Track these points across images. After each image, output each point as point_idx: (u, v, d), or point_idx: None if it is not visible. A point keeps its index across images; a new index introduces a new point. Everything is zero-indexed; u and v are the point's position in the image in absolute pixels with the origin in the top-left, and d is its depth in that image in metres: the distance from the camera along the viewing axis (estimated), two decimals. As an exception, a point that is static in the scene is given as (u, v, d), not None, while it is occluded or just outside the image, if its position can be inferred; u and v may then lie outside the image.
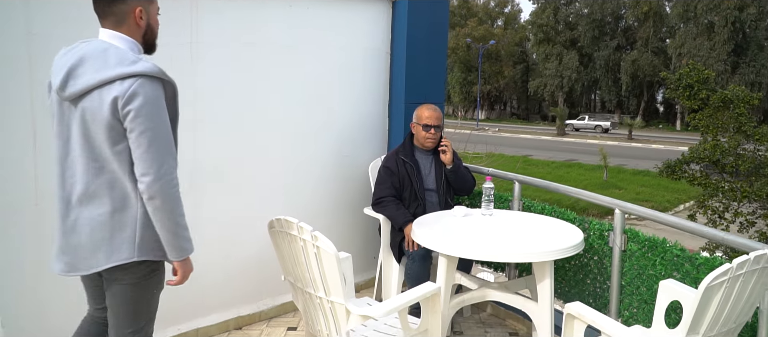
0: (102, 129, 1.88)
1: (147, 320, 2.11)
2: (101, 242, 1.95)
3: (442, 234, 2.92)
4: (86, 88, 1.88)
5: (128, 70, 1.86)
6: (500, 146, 31.78)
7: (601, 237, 3.15)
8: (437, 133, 3.60)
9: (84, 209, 1.96)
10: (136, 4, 2.01)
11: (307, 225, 2.25)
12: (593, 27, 48.79)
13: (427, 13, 4.08)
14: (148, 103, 1.86)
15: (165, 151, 1.90)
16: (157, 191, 1.87)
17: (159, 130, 1.88)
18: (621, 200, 3.05)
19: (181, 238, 1.97)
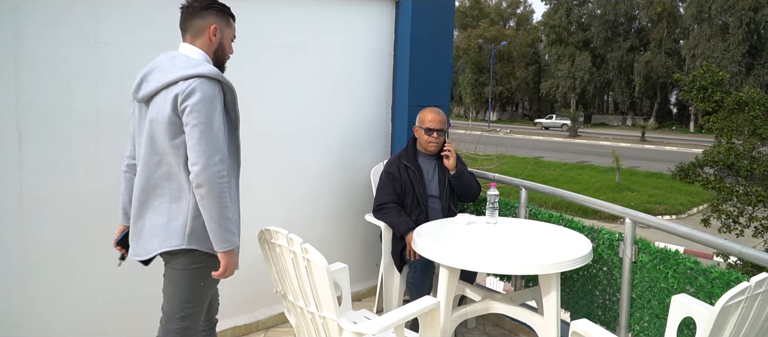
0: (163, 124, 2.07)
1: (196, 308, 2.25)
2: (157, 229, 2.15)
3: (444, 244, 2.79)
4: (155, 90, 2.11)
5: (190, 72, 2.07)
6: (511, 148, 31.58)
7: (611, 247, 3.01)
8: (440, 137, 3.47)
9: (147, 198, 2.17)
10: (213, 22, 2.24)
11: (296, 237, 2.13)
12: (606, 28, 48.38)
13: (431, 13, 3.96)
14: (203, 101, 2.04)
15: (214, 145, 2.04)
16: (204, 180, 2.01)
17: (210, 126, 2.04)
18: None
19: (226, 229, 2.08)
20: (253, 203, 3.46)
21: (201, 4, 2.23)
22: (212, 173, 2.02)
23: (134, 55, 2.94)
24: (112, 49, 2.89)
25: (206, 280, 2.23)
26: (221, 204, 2.05)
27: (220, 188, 2.03)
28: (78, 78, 2.82)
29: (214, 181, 2.02)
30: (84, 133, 2.87)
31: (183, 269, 2.19)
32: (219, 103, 2.09)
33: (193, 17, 2.22)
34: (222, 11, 2.28)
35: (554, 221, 3.35)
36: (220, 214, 2.05)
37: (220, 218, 2.05)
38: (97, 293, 2.99)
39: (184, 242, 2.12)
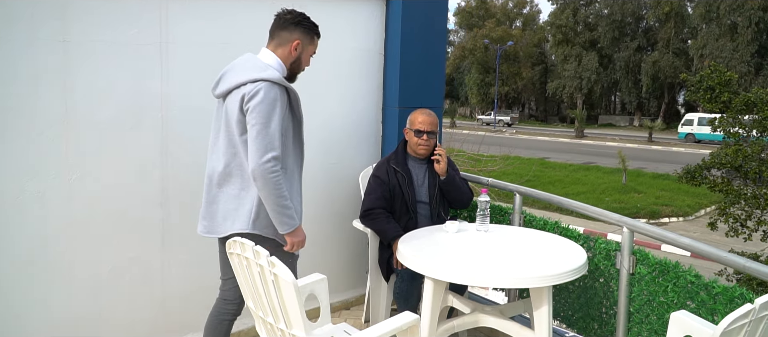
0: (234, 121, 2.35)
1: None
2: (229, 213, 2.43)
3: (428, 254, 2.63)
4: (229, 89, 2.39)
5: (257, 76, 2.32)
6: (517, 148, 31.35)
7: (608, 258, 2.84)
8: (430, 139, 3.31)
9: (222, 184, 2.45)
10: (297, 38, 2.51)
11: (262, 249, 1.97)
12: (613, 28, 48.02)
13: (423, 13, 3.80)
14: (263, 102, 2.27)
15: (268, 144, 2.26)
16: (258, 175, 2.26)
17: (266, 126, 2.27)
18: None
19: (283, 214, 2.34)
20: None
21: (292, 19, 2.50)
22: (264, 169, 2.25)
23: (104, 54, 2.81)
24: (81, 49, 2.74)
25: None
26: (276, 193, 2.29)
27: (272, 181, 2.27)
28: (45, 78, 2.67)
29: (266, 175, 2.26)
30: (52, 135, 2.72)
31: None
32: (279, 106, 2.32)
33: (282, 28, 2.49)
34: (310, 29, 2.55)
35: (549, 228, 3.19)
36: (276, 201, 2.30)
37: (276, 205, 2.31)
38: (69, 302, 2.85)
39: (249, 227, 2.38)
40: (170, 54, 3.01)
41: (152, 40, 2.95)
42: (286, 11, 2.53)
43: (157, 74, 2.99)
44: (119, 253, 2.99)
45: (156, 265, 3.12)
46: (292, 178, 2.49)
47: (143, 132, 2.98)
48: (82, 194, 2.83)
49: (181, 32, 3.04)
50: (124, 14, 2.85)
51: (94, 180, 2.86)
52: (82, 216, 2.84)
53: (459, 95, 60.55)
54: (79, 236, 2.85)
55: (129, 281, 3.04)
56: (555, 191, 23.04)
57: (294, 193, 2.48)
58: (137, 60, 2.92)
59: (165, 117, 3.04)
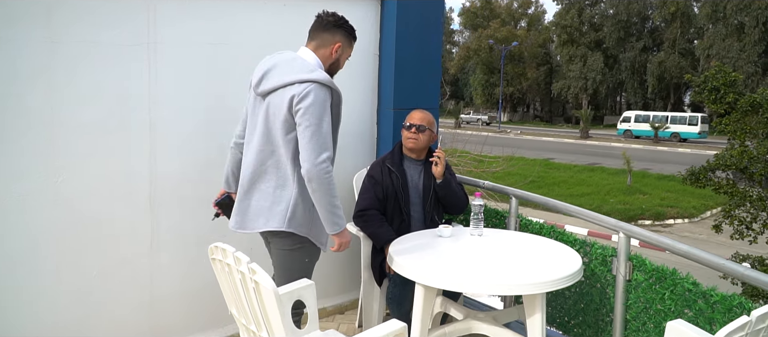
0: (280, 120, 2.36)
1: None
2: (263, 210, 2.45)
3: (420, 259, 2.57)
4: (274, 87, 2.40)
5: (306, 77, 2.34)
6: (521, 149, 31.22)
7: (604, 263, 2.77)
8: (419, 134, 3.24)
9: (256, 181, 2.47)
10: (339, 40, 2.56)
11: (243, 255, 1.92)
12: (619, 28, 47.83)
13: (418, 13, 3.73)
14: (315, 104, 2.31)
15: (322, 145, 2.31)
16: (314, 175, 2.29)
17: (320, 127, 2.31)
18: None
19: (334, 215, 2.38)
20: (224, 213, 3.28)
21: (335, 21, 2.55)
22: (320, 170, 2.29)
23: (91, 55, 2.76)
24: (67, 49, 2.69)
25: (310, 257, 2.55)
26: (330, 194, 2.34)
27: (327, 182, 2.31)
28: (30, 79, 2.62)
29: (322, 176, 2.30)
30: (37, 137, 2.67)
31: (288, 249, 2.49)
32: (328, 106, 2.36)
33: (324, 30, 2.53)
34: (349, 33, 2.60)
35: (545, 233, 3.12)
36: (328, 202, 2.35)
37: (329, 205, 2.35)
38: (56, 305, 2.80)
39: (284, 225, 2.41)
40: (159, 55, 2.96)
41: (140, 41, 2.90)
42: (328, 13, 2.57)
43: (145, 75, 2.93)
44: (107, 256, 2.93)
45: (145, 268, 3.06)
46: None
47: (131, 134, 2.93)
48: (68, 196, 2.78)
49: (170, 33, 2.98)
50: (111, 15, 2.80)
51: (81, 182, 2.81)
52: (68, 219, 2.79)
53: (464, 96, 60.44)
54: (65, 238, 2.80)
55: (117, 284, 2.99)
56: (559, 192, 23.04)
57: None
58: (125, 61, 2.86)
59: (153, 118, 2.99)
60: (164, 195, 3.07)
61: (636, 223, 20.16)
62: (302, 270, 2.54)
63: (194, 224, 3.18)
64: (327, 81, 2.38)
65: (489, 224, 3.51)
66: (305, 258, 2.54)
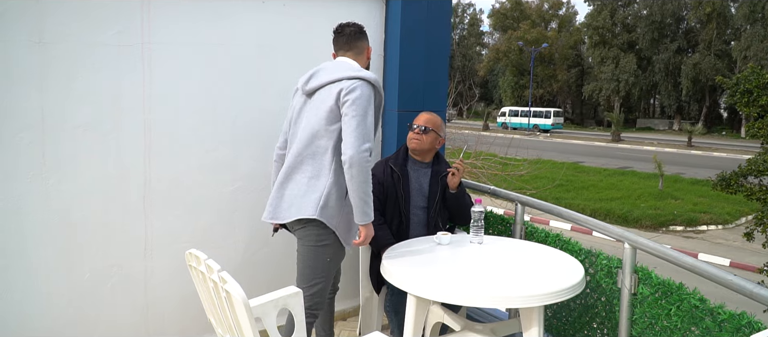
0: (325, 111, 2.50)
1: (324, 281, 2.62)
2: (295, 199, 2.54)
3: (412, 268, 2.47)
4: (322, 83, 2.58)
5: (354, 74, 2.53)
6: (549, 152, 30.83)
7: (609, 275, 2.63)
8: (423, 136, 3.13)
9: (292, 172, 2.58)
10: (368, 45, 2.81)
11: (214, 263, 1.84)
12: (652, 29, 46.83)
13: (424, 13, 3.63)
14: (361, 98, 2.46)
15: (366, 135, 2.44)
16: (355, 161, 2.39)
17: (365, 119, 2.45)
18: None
19: (366, 204, 2.47)
20: (220, 219, 3.23)
21: (359, 29, 2.77)
22: (361, 158, 2.40)
23: (83, 55, 2.72)
24: (58, 49, 2.66)
25: (333, 257, 2.62)
26: (366, 183, 2.43)
27: (366, 171, 2.42)
28: (20, 80, 2.59)
29: (363, 164, 2.40)
30: (28, 138, 2.64)
31: (312, 245, 2.55)
32: (373, 102, 2.52)
33: (357, 40, 2.73)
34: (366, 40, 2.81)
35: (550, 241, 2.99)
36: (364, 191, 2.44)
37: (363, 194, 2.44)
38: (46, 309, 2.78)
39: (316, 213, 2.48)
40: (154, 55, 2.91)
41: (134, 41, 2.85)
42: (351, 23, 2.76)
43: (139, 76, 2.89)
44: (99, 260, 2.90)
45: (139, 272, 3.02)
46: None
47: (125, 135, 2.89)
48: (59, 198, 2.75)
49: (166, 33, 2.93)
50: (103, 14, 2.76)
51: (73, 185, 2.78)
52: (59, 222, 2.76)
53: (493, 98, 59.93)
54: (56, 242, 2.77)
55: (110, 289, 2.95)
56: (588, 196, 22.64)
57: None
58: (118, 61, 2.82)
59: (148, 120, 2.94)
60: (159, 197, 3.02)
61: (667, 229, 19.67)
62: (324, 269, 2.61)
63: (189, 226, 3.13)
64: (374, 80, 2.55)
65: (494, 231, 3.39)
66: (328, 257, 2.60)
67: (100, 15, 2.75)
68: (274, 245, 3.38)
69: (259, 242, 3.36)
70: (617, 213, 20.84)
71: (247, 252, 3.34)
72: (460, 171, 3.12)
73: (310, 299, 2.59)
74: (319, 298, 2.63)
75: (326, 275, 2.63)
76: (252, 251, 3.35)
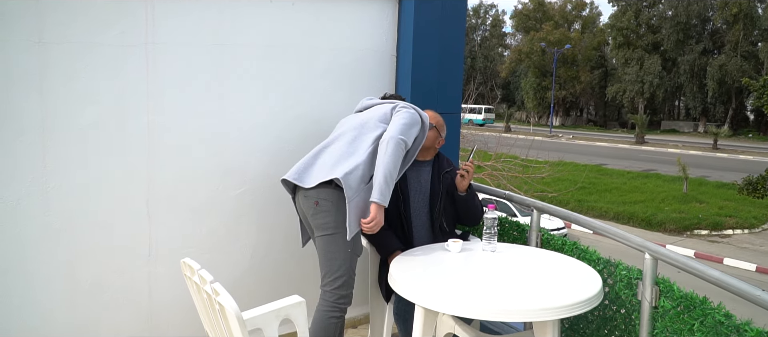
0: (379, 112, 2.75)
1: (346, 277, 2.60)
2: (325, 167, 2.60)
3: (420, 278, 2.36)
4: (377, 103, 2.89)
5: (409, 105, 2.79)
6: (572, 154, 30.48)
7: (629, 286, 2.50)
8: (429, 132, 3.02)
9: (329, 145, 2.73)
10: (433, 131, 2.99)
11: (207, 274, 1.76)
12: (678, 30, 46.06)
13: (439, 12, 3.51)
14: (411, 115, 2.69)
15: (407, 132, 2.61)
16: (393, 139, 2.53)
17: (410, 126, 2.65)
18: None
19: (387, 186, 2.51)
20: (226, 224, 3.15)
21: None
22: (398, 140, 2.54)
23: (85, 56, 2.66)
24: (59, 50, 2.60)
25: (353, 247, 2.61)
26: (394, 164, 2.51)
27: (398, 152, 2.53)
28: (20, 81, 2.54)
29: (398, 145, 2.53)
30: (28, 140, 2.59)
31: (328, 235, 2.57)
32: (417, 129, 2.69)
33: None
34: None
35: (567, 249, 2.86)
36: (389, 171, 2.50)
37: (388, 174, 2.50)
38: (47, 314, 2.72)
39: (341, 175, 2.50)
40: (158, 55, 2.84)
41: (138, 41, 2.78)
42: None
43: (143, 77, 2.82)
44: (101, 264, 2.83)
45: (142, 277, 2.95)
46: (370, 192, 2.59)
47: (128, 137, 2.82)
48: (60, 202, 2.69)
49: (170, 33, 2.86)
50: (105, 14, 2.69)
51: (74, 188, 2.72)
52: (60, 225, 2.70)
53: (515, 99, 59.47)
54: (56, 246, 2.71)
55: (112, 295, 2.88)
56: (611, 199, 22.31)
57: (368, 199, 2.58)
58: (121, 62, 2.75)
59: (152, 122, 2.87)
60: (163, 201, 2.95)
61: (692, 233, 19.29)
62: (346, 260, 2.59)
63: (195, 231, 3.05)
64: (424, 117, 2.78)
65: (509, 238, 3.27)
66: (347, 247, 2.58)
67: (102, 15, 2.69)
68: (282, 251, 3.30)
69: (266, 247, 3.27)
70: (641, 216, 20.52)
71: (255, 258, 3.25)
72: (469, 173, 3.00)
73: (335, 293, 2.58)
74: (345, 291, 2.60)
75: (350, 266, 2.62)
76: (259, 256, 3.26)
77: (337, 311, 2.58)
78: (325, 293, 2.60)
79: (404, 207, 3.00)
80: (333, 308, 2.57)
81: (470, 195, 3.05)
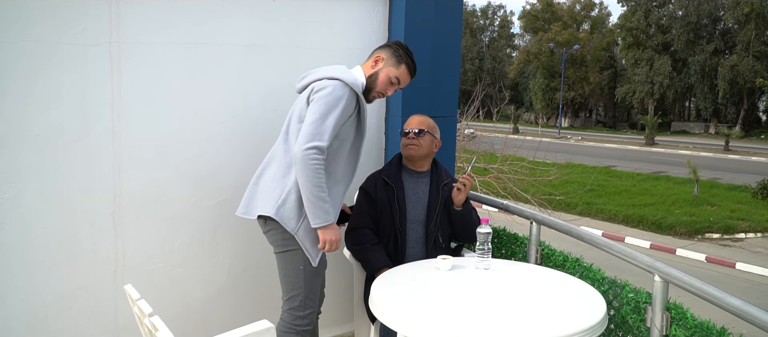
0: (298, 109, 2.41)
1: (302, 296, 2.41)
2: (261, 194, 2.41)
3: (405, 303, 2.13)
4: (306, 84, 2.46)
5: (333, 74, 2.38)
6: (581, 156, 30.11)
7: (637, 311, 2.25)
8: (419, 139, 2.82)
9: (265, 169, 2.48)
10: (381, 53, 2.58)
11: (146, 306, 1.54)
12: (688, 30, 45.47)
13: (432, 10, 3.28)
14: (329, 96, 2.30)
15: (317, 134, 2.25)
16: (299, 158, 2.24)
17: (324, 118, 2.27)
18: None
19: (317, 206, 2.28)
20: (200, 237, 2.93)
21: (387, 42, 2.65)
22: (305, 154, 2.23)
23: (42, 56, 2.45)
24: (14, 50, 2.39)
25: (306, 265, 2.39)
26: (313, 182, 2.24)
27: (311, 167, 2.23)
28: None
29: (306, 161, 2.23)
30: (-20, 148, 2.38)
31: (279, 251, 2.42)
32: (342, 107, 2.31)
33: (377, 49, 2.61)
34: (396, 53, 2.57)
35: (569, 266, 2.62)
36: (311, 191, 2.25)
37: (311, 194, 2.26)
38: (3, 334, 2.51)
39: (273, 211, 2.34)
40: (123, 55, 2.63)
41: (101, 40, 2.57)
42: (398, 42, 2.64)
43: (107, 78, 2.61)
44: (63, 282, 2.62)
45: (108, 296, 2.73)
46: (334, 187, 2.42)
47: (91, 144, 2.61)
48: (15, 215, 2.47)
49: (138, 31, 2.65)
50: (65, 11, 2.48)
51: (32, 199, 2.50)
52: (15, 240, 2.49)
53: (523, 101, 59.05)
54: (11, 263, 2.50)
55: (76, 314, 2.67)
56: (620, 201, 21.95)
57: (333, 200, 2.40)
58: (83, 62, 2.54)
59: (117, 127, 2.65)
60: (131, 213, 2.73)
61: (703, 236, 18.88)
62: (300, 278, 2.41)
63: (167, 245, 2.83)
64: (352, 83, 2.37)
65: (507, 252, 3.03)
66: (300, 265, 2.40)
67: (62, 12, 2.47)
68: (263, 266, 3.07)
69: (245, 261, 3.05)
70: (650, 220, 20.12)
71: (232, 272, 3.03)
72: (466, 186, 2.78)
73: (291, 313, 2.42)
74: (301, 312, 2.43)
75: (305, 284, 2.42)
76: (237, 271, 3.04)
77: (294, 333, 2.43)
78: (282, 313, 2.47)
79: (400, 220, 2.78)
80: (289, 329, 2.43)
81: (466, 210, 2.83)
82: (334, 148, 2.38)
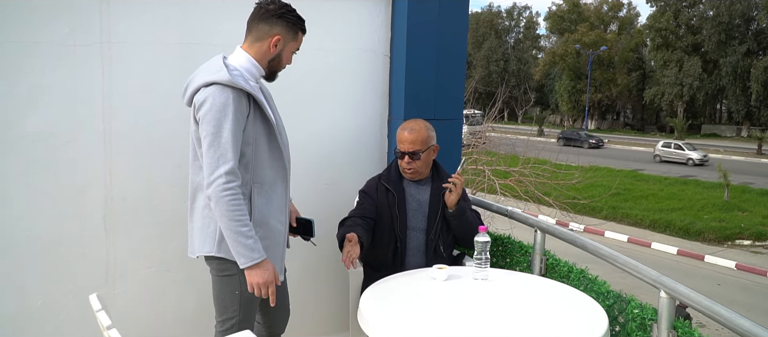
0: (194, 132, 2.08)
1: (234, 317, 2.17)
2: (197, 232, 2.16)
3: (396, 315, 2.03)
4: (189, 97, 2.11)
5: (208, 79, 2.02)
6: (607, 159, 29.64)
7: (643, 328, 2.11)
8: (415, 162, 2.71)
9: (192, 202, 2.18)
10: (278, 32, 2.15)
11: (105, 318, 1.48)
12: (719, 30, 44.51)
13: (435, 13, 3.16)
14: (212, 110, 1.98)
15: (219, 157, 1.97)
16: (211, 193, 1.97)
17: (218, 135, 1.97)
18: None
19: (239, 244, 1.99)
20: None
21: (275, 10, 2.14)
22: (216, 186, 1.96)
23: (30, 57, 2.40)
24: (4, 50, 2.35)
25: (241, 288, 2.13)
26: (229, 216, 1.97)
27: (224, 200, 1.96)
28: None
29: (218, 194, 1.96)
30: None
31: (216, 275, 2.18)
32: (232, 111, 1.99)
33: (261, 20, 2.14)
34: (293, 24, 2.18)
35: (573, 278, 2.48)
36: (228, 226, 1.98)
37: (230, 231, 1.98)
38: None
39: (214, 249, 2.10)
40: (114, 56, 2.57)
41: (92, 40, 2.52)
42: (269, 1, 2.15)
43: (98, 80, 2.55)
44: (53, 286, 2.57)
45: (99, 301, 2.67)
46: (271, 192, 2.16)
47: (82, 147, 2.56)
48: (6, 216, 2.45)
49: (130, 31, 2.59)
50: (54, 10, 2.43)
51: (18, 203, 2.46)
52: (6, 242, 2.46)
53: (549, 102, 58.44)
54: (2, 264, 2.46)
55: (65, 318, 2.62)
56: (647, 206, 21.51)
57: (274, 210, 2.17)
58: (73, 63, 2.49)
59: (109, 130, 2.60)
60: (123, 217, 2.68)
61: (733, 243, 18.43)
62: (234, 302, 2.17)
63: (158, 249, 2.77)
64: (229, 81, 2.00)
65: (512, 260, 2.91)
66: (235, 289, 2.15)
67: (51, 12, 2.43)
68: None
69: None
70: (678, 225, 19.71)
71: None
72: (457, 186, 2.67)
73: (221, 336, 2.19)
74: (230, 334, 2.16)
75: (239, 309, 2.18)
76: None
77: None
78: (215, 334, 2.23)
79: (399, 227, 2.69)
80: None
81: (460, 212, 2.72)
82: (248, 155, 2.08)
